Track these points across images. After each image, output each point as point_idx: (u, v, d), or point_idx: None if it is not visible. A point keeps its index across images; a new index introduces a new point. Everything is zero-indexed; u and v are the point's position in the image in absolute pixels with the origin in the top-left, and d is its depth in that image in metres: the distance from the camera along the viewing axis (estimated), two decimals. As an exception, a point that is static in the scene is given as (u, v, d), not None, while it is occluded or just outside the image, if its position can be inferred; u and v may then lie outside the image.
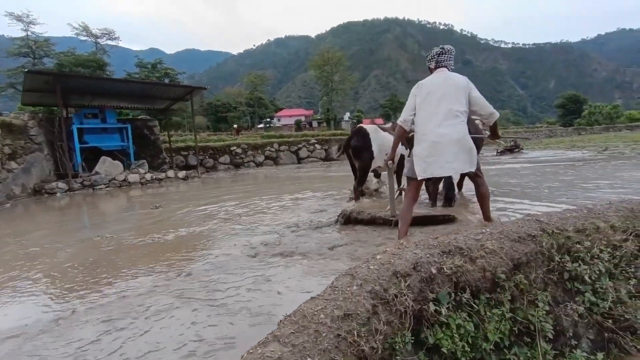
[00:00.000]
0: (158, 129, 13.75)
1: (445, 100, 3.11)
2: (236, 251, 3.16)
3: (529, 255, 2.45)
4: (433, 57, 3.35)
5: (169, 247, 3.46)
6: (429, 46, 17.87)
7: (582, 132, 43.69)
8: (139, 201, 7.34)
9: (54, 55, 43.19)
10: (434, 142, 3.08)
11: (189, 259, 3.04)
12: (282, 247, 3.20)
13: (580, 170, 7.59)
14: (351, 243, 3.21)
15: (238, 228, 4.13)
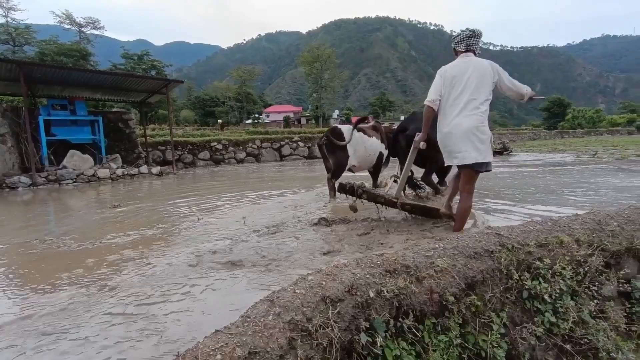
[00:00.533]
0: (134, 122, 13.27)
1: (468, 90, 3.06)
2: (178, 260, 2.90)
3: (485, 273, 2.25)
4: (463, 40, 3.22)
5: (107, 254, 3.18)
6: (419, 46, 17.75)
7: (565, 135, 44.39)
8: (101, 199, 6.98)
9: (35, 43, 41.86)
10: (448, 133, 3.12)
11: (122, 269, 2.76)
12: (234, 255, 2.94)
13: (560, 175, 7.52)
14: (319, 249, 2.97)
15: (196, 231, 3.86)
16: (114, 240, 3.61)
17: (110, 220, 4.69)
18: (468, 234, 2.38)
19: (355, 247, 3.02)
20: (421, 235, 3.28)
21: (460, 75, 3.10)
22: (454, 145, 3.10)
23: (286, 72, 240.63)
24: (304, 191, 6.55)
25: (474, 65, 3.10)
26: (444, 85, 3.15)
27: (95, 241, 3.60)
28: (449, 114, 3.13)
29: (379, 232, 3.47)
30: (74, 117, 10.60)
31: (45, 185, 9.26)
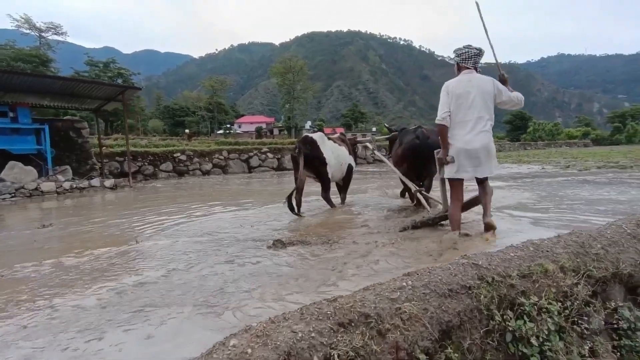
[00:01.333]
0: (87, 131, 12.31)
1: (475, 107, 3.20)
2: (89, 301, 2.33)
3: (462, 315, 1.85)
4: (471, 57, 3.32)
5: (5, 290, 2.56)
6: (390, 60, 17.63)
7: (528, 147, 46.19)
8: (34, 216, 6.18)
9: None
10: (462, 149, 3.22)
11: (15, 314, 2.17)
12: (157, 294, 2.41)
13: (532, 188, 7.42)
14: (268, 284, 2.49)
15: (127, 257, 3.29)
16: (23, 272, 2.98)
17: (30, 243, 4.00)
18: (442, 267, 1.98)
19: (310, 282, 2.56)
20: (387, 254, 2.88)
21: (466, 94, 3.21)
22: (468, 160, 3.24)
23: (259, 83, 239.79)
24: (266, 206, 6.05)
25: (477, 83, 3.23)
26: (453, 102, 3.24)
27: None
28: (459, 131, 3.25)
29: (342, 255, 3.04)
30: (15, 125, 9.62)
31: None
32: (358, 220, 4.64)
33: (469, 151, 3.22)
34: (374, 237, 3.69)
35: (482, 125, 3.22)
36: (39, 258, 3.34)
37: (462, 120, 3.23)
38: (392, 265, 2.77)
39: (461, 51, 3.36)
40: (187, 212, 5.73)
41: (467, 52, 3.33)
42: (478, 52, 3.33)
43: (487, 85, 3.24)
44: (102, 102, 11.60)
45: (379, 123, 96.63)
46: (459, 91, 3.24)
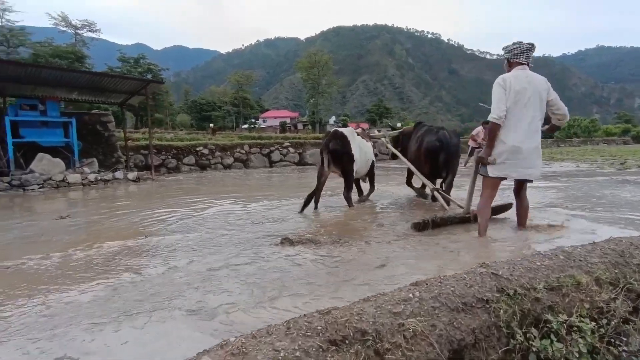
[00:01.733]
0: (113, 124, 12.61)
1: (531, 106, 3.10)
2: (84, 297, 2.25)
3: (477, 333, 1.63)
4: (524, 52, 3.20)
5: (4, 283, 2.53)
6: (417, 54, 17.16)
7: (561, 144, 44.03)
8: (56, 207, 6.31)
9: (30, 45, 41.54)
10: (514, 147, 3.11)
11: (5, 310, 2.11)
12: (149, 290, 2.31)
13: (567, 188, 6.95)
14: (270, 286, 2.34)
15: (131, 253, 3.23)
16: (28, 264, 2.96)
17: (43, 235, 4.03)
18: (455, 276, 1.76)
19: (310, 286, 2.39)
20: (399, 256, 2.67)
21: (523, 91, 3.09)
22: (519, 160, 3.13)
23: (284, 77, 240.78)
24: (282, 201, 5.92)
25: (534, 80, 3.14)
26: (510, 99, 3.10)
27: (4, 264, 2.95)
28: (512, 127, 3.11)
29: (354, 258, 2.85)
30: (45, 118, 9.92)
31: (7, 190, 8.57)
32: (373, 219, 4.43)
33: (522, 151, 3.11)
34: (388, 237, 3.47)
35: (536, 125, 3.14)
36: (49, 250, 3.33)
37: (518, 118, 3.10)
38: (403, 270, 2.55)
39: (512, 47, 3.25)
40: (201, 206, 5.69)
41: (519, 47, 3.21)
42: (530, 47, 3.20)
43: (542, 83, 3.16)
44: (126, 96, 11.83)
45: (404, 118, 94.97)
46: (517, 87, 3.09)
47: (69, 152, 10.58)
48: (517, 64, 3.21)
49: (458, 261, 2.73)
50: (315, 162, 5.04)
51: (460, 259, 2.78)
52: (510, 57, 3.26)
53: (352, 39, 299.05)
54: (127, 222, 4.61)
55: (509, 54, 3.26)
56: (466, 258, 2.80)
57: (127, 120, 44.42)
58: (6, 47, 41.19)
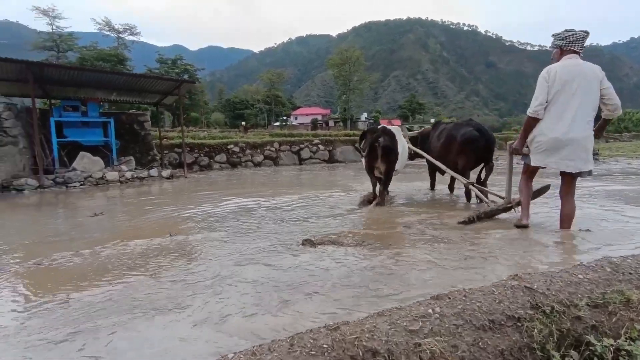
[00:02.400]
0: (149, 124, 13.08)
1: (579, 95, 2.99)
2: (96, 297, 2.27)
3: (507, 355, 1.47)
4: (578, 40, 3.08)
5: (24, 280, 2.61)
6: (452, 47, 16.70)
7: (610, 139, 41.10)
8: (92, 204, 6.58)
9: (77, 49, 44.32)
10: (555, 139, 3.04)
11: (18, 308, 2.17)
12: (155, 296, 2.28)
13: (622, 190, 6.41)
14: (279, 292, 2.27)
15: (150, 252, 3.27)
16: (58, 260, 3.06)
17: (74, 232, 4.18)
18: (482, 289, 1.59)
19: (322, 297, 2.28)
20: (424, 261, 2.50)
21: (572, 80, 2.99)
22: (562, 151, 3.05)
23: (316, 75, 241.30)
24: (308, 199, 5.86)
25: (585, 69, 3.02)
26: (556, 88, 3.03)
27: (34, 260, 3.07)
28: (559, 119, 3.03)
29: (372, 263, 2.72)
30: (85, 119, 10.45)
31: (52, 187, 9.09)
32: (401, 220, 4.25)
33: (565, 142, 3.03)
34: (414, 241, 3.30)
35: (585, 115, 3.01)
36: (79, 247, 3.44)
37: (564, 108, 3.02)
38: (427, 278, 2.39)
39: (566, 34, 3.10)
40: (228, 204, 5.73)
41: (573, 34, 3.07)
42: (585, 35, 3.08)
43: (594, 72, 3.03)
44: (161, 96, 12.23)
45: (438, 114, 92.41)
46: (565, 77, 3.00)
47: (108, 151, 11.08)
48: (570, 52, 3.10)
49: (487, 270, 2.52)
50: (363, 158, 5.04)
51: (490, 266, 2.57)
52: (563, 45, 3.13)
53: (385, 34, 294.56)
54: (156, 220, 4.70)
55: (563, 41, 3.12)
56: (497, 267, 2.58)
57: (165, 119, 46.30)
58: (56, 52, 44.10)
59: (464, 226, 3.74)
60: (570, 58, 3.08)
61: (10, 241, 3.79)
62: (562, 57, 3.13)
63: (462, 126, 5.08)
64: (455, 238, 3.31)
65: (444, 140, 5.20)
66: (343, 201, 5.72)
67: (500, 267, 2.54)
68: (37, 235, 4.06)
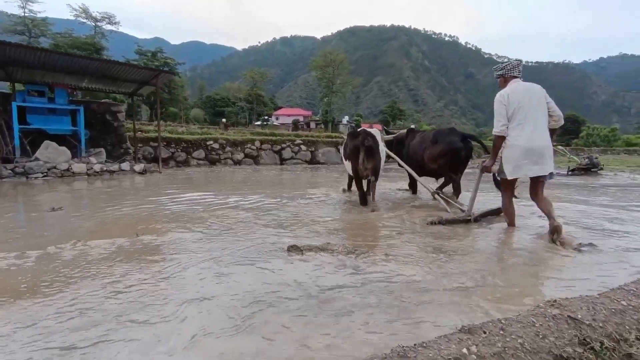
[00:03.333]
0: (123, 115, 12.37)
1: (533, 110, 3.41)
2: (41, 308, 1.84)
3: (556, 407, 1.18)
4: (515, 67, 3.63)
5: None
6: (433, 57, 16.97)
7: (581, 152, 42.66)
8: (53, 198, 5.98)
9: (50, 35, 42.30)
10: (527, 149, 3.37)
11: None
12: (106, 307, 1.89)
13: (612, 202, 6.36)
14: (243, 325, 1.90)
15: (109, 254, 2.84)
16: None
17: (25, 229, 3.67)
18: (521, 319, 1.29)
19: (307, 326, 1.94)
20: (432, 274, 2.20)
21: (523, 99, 3.41)
22: (531, 159, 3.38)
23: (299, 76, 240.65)
24: (292, 201, 5.49)
25: (531, 88, 3.51)
26: (512, 108, 3.41)
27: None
28: (522, 132, 3.38)
29: (372, 277, 2.40)
30: (52, 106, 9.69)
31: (10, 177, 8.34)
32: (388, 224, 3.96)
33: (533, 149, 3.35)
34: (411, 249, 3.01)
35: (542, 125, 3.42)
36: (20, 248, 2.96)
37: (525, 123, 3.38)
38: (440, 296, 2.08)
39: (504, 65, 3.67)
40: (205, 203, 5.30)
41: (509, 64, 3.64)
42: (519, 62, 3.66)
43: (539, 89, 3.52)
44: (137, 85, 11.56)
45: (418, 121, 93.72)
46: (518, 97, 3.41)
47: (76, 141, 10.35)
48: (512, 78, 3.59)
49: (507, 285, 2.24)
50: (347, 160, 5.24)
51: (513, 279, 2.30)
52: (505, 73, 3.62)
53: (368, 40, 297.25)
54: (122, 218, 4.23)
55: (503, 70, 3.64)
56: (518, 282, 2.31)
57: (142, 113, 44.82)
58: (28, 37, 41.88)
59: (465, 232, 3.55)
60: (515, 82, 3.56)
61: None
62: (506, 83, 3.60)
63: (447, 134, 5.32)
64: (458, 247, 3.04)
65: (424, 146, 5.44)
66: (332, 202, 5.40)
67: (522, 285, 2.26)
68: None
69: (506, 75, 3.61)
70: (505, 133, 3.44)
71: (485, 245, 3.23)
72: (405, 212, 4.76)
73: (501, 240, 3.50)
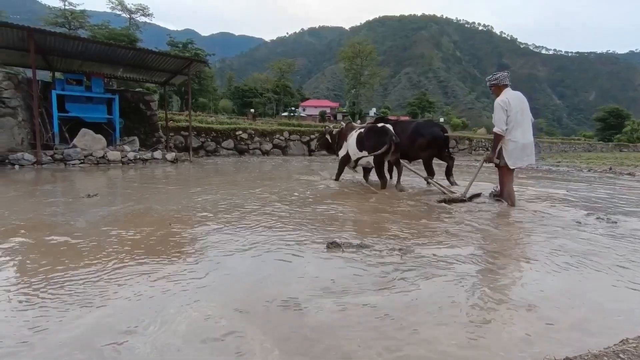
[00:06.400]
0: (156, 104, 12.56)
1: (525, 114, 4.30)
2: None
3: None
4: (506, 77, 4.40)
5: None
6: (465, 47, 16.78)
7: (624, 149, 40.21)
8: (89, 184, 6.08)
9: (88, 27, 44.03)
10: (524, 145, 4.26)
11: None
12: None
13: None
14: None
15: (151, 243, 2.76)
16: (31, 241, 2.55)
17: (59, 214, 3.68)
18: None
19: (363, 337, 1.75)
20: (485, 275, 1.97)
21: (517, 105, 4.25)
22: (526, 153, 4.31)
23: (326, 67, 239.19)
24: (325, 199, 5.32)
25: (519, 96, 4.35)
26: (512, 112, 4.21)
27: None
28: (519, 132, 4.25)
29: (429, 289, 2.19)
30: (89, 94, 9.93)
31: (50, 164, 8.62)
32: (423, 218, 3.71)
33: (526, 145, 4.28)
34: (460, 249, 2.76)
35: (529, 126, 4.34)
36: (60, 232, 2.93)
37: (520, 124, 4.25)
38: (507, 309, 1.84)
39: (497, 75, 4.44)
40: (235, 196, 5.21)
41: (501, 75, 4.43)
42: (508, 73, 4.52)
43: (524, 97, 4.39)
44: (169, 75, 11.68)
45: (448, 113, 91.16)
46: (514, 103, 4.23)
47: (111, 129, 10.59)
48: (504, 87, 4.35)
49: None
50: (379, 152, 5.44)
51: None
52: (498, 83, 4.37)
53: (398, 30, 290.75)
54: (154, 206, 4.18)
55: (496, 80, 4.39)
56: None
57: (173, 103, 45.81)
58: (67, 28, 43.67)
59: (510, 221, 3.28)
60: (508, 90, 4.34)
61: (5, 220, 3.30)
62: (500, 91, 4.35)
63: (428, 126, 6.22)
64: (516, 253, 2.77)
65: (412, 136, 6.00)
66: (368, 193, 5.20)
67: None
68: (30, 215, 3.56)
69: (500, 84, 4.36)
70: (504, 132, 4.24)
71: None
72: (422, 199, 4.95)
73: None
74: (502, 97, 4.23)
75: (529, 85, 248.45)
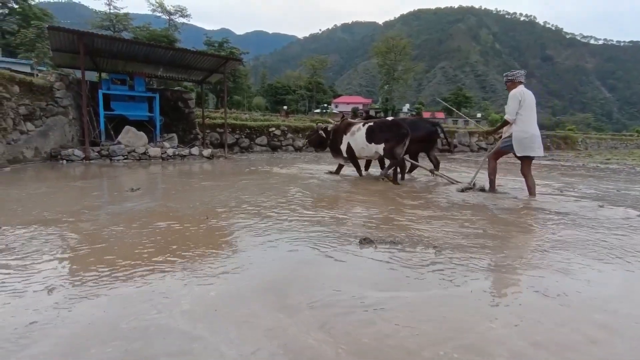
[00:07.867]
0: (193, 102, 12.98)
1: (533, 108, 4.79)
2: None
3: None
4: (522, 75, 4.89)
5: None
6: (505, 39, 16.49)
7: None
8: (132, 179, 6.38)
9: (131, 29, 46.35)
10: (533, 135, 4.70)
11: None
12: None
13: None
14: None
15: (181, 237, 2.85)
16: (75, 230, 2.71)
17: (110, 206, 3.89)
18: None
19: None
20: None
21: (529, 99, 4.71)
22: (535, 144, 4.71)
23: (359, 63, 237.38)
24: (364, 197, 5.29)
25: (531, 93, 4.76)
26: (525, 104, 4.66)
27: (61, 231, 2.74)
28: (529, 124, 4.70)
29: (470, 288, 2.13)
30: (132, 93, 10.42)
31: (97, 159, 9.14)
32: (447, 212, 3.59)
33: (536, 137, 4.70)
34: (491, 249, 2.65)
35: (536, 120, 4.79)
36: (98, 226, 3.10)
37: (530, 117, 4.70)
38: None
39: (517, 73, 4.89)
40: (269, 191, 5.29)
41: (520, 72, 4.90)
42: (524, 72, 4.97)
43: (533, 95, 4.78)
44: (206, 73, 12.03)
45: (486, 109, 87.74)
46: (527, 98, 4.67)
47: (152, 127, 11.06)
48: (520, 83, 4.79)
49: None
50: (377, 144, 6.12)
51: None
52: (515, 79, 4.82)
53: (434, 23, 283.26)
54: (193, 201, 4.33)
55: (513, 77, 4.85)
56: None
57: (209, 101, 47.17)
58: (112, 31, 46.14)
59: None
60: (522, 86, 4.76)
61: (51, 210, 3.55)
62: (515, 86, 4.77)
63: (421, 123, 7.04)
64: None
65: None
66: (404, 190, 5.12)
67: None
68: (75, 207, 3.80)
69: (515, 80, 4.81)
70: (513, 121, 4.70)
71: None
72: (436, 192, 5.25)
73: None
74: (518, 89, 4.70)
75: (575, 77, 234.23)
